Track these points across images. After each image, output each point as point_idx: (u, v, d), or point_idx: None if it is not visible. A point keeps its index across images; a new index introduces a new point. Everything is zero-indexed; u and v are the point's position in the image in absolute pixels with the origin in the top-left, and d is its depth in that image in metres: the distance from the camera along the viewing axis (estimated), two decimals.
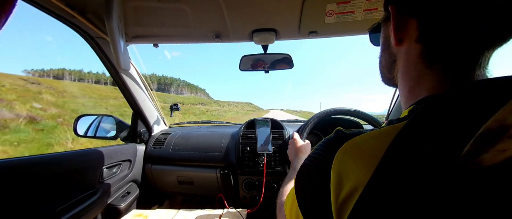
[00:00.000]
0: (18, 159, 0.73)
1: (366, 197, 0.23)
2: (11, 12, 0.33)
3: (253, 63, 1.18)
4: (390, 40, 0.35)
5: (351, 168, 0.26)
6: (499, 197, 0.18)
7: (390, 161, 0.23)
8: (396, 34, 0.32)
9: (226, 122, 1.79)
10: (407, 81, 0.33)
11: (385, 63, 0.38)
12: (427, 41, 0.29)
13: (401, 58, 0.34)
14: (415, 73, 0.31)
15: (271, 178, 1.20)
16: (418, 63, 0.31)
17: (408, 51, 0.32)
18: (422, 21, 0.29)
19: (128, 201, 1.18)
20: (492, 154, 0.17)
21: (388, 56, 0.37)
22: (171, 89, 59.08)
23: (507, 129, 0.16)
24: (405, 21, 0.31)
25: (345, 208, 0.25)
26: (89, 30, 0.94)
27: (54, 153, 0.85)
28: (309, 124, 1.15)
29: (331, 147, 0.30)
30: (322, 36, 1.03)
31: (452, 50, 0.28)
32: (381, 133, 0.27)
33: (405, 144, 0.23)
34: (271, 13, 0.85)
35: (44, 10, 0.79)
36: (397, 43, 0.32)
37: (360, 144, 0.28)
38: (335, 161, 0.28)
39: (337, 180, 0.27)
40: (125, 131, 1.31)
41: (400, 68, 0.34)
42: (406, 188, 0.21)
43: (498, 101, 0.19)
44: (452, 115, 0.23)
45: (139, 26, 0.97)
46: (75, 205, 0.88)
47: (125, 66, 0.92)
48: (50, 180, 0.78)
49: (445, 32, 0.27)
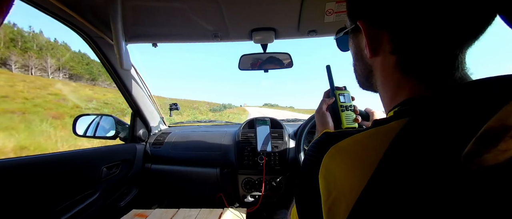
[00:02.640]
0: (18, 159, 0.72)
1: (363, 205, 0.23)
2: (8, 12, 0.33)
3: (253, 62, 1.17)
4: (363, 52, 0.34)
5: (338, 173, 0.26)
6: (501, 197, 0.18)
7: (389, 167, 0.23)
8: (370, 47, 0.32)
9: (225, 122, 1.79)
10: (388, 89, 0.33)
11: (361, 73, 0.38)
12: (401, 53, 0.30)
13: (377, 68, 0.34)
14: (394, 82, 0.32)
15: (270, 177, 1.20)
16: (396, 73, 0.31)
17: (383, 62, 0.32)
18: (393, 33, 0.29)
19: (127, 201, 1.18)
20: (494, 154, 0.17)
21: (364, 67, 0.37)
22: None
23: (508, 128, 0.16)
24: (377, 34, 0.31)
25: (333, 214, 0.25)
26: (89, 30, 0.94)
27: (54, 152, 0.84)
28: (309, 123, 1.15)
29: (319, 149, 0.31)
30: (322, 35, 1.03)
31: (426, 58, 0.28)
32: (366, 136, 0.27)
33: (404, 148, 0.23)
34: (270, 12, 0.85)
35: (43, 11, 0.78)
36: (371, 55, 0.32)
37: (345, 148, 0.28)
38: (322, 165, 0.29)
39: (325, 186, 0.27)
40: (125, 130, 1.31)
41: (379, 78, 0.34)
42: (410, 193, 0.21)
43: (497, 101, 0.19)
44: (449, 117, 0.23)
45: (137, 26, 0.97)
46: (75, 204, 0.88)
47: (127, 66, 0.92)
48: (50, 179, 0.78)
49: (416, 42, 0.28)
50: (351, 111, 0.63)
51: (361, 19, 0.31)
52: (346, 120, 0.62)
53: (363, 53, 0.35)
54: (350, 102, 0.64)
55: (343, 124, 0.62)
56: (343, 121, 0.62)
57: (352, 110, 0.63)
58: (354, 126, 0.63)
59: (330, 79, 0.64)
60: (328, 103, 0.65)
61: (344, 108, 0.62)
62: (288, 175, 1.22)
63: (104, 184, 1.02)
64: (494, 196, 0.18)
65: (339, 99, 0.63)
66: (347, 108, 0.63)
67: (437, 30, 0.26)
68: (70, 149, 0.98)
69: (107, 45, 1.04)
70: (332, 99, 0.64)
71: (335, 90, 0.64)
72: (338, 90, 0.64)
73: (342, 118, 0.62)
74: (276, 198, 1.24)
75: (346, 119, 0.62)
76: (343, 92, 0.64)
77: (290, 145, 1.22)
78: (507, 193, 0.18)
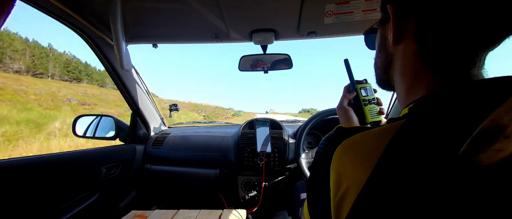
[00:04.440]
0: (18, 159, 0.72)
1: (365, 197, 0.23)
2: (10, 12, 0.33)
3: (253, 63, 1.18)
4: (387, 41, 0.35)
5: (349, 167, 0.27)
6: (496, 196, 0.18)
7: (388, 161, 0.23)
8: (395, 33, 0.32)
9: (225, 122, 1.80)
10: (405, 80, 0.33)
11: (381, 65, 0.39)
12: (423, 40, 0.30)
13: (398, 57, 0.34)
14: (412, 72, 0.32)
15: (270, 178, 1.20)
16: (415, 62, 0.31)
17: (405, 49, 0.32)
18: (420, 20, 0.29)
19: (127, 201, 1.18)
20: (489, 154, 0.17)
21: (385, 57, 0.37)
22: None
23: (503, 128, 0.17)
24: (403, 20, 0.31)
25: (341, 207, 0.26)
26: (89, 31, 0.94)
27: (54, 153, 0.84)
28: (309, 124, 1.15)
29: (331, 144, 0.31)
30: (321, 37, 1.03)
31: (446, 49, 0.28)
32: (380, 131, 0.27)
33: (403, 144, 0.24)
34: (270, 13, 0.85)
35: (44, 11, 0.79)
36: (394, 42, 0.33)
37: (357, 142, 0.28)
38: (334, 159, 0.29)
39: (336, 179, 0.28)
40: (124, 131, 1.31)
41: (398, 68, 0.35)
42: (404, 188, 0.21)
43: (495, 101, 0.19)
44: (450, 115, 0.23)
45: (138, 27, 0.97)
46: (74, 205, 0.88)
47: (127, 67, 0.92)
48: (50, 180, 0.78)
49: (440, 31, 0.28)
50: (374, 104, 0.60)
51: (391, 3, 0.32)
52: (371, 114, 0.59)
53: (386, 42, 0.35)
54: (372, 95, 0.60)
55: (367, 118, 0.59)
56: (367, 115, 0.59)
57: (375, 103, 0.60)
58: (379, 119, 0.60)
59: (349, 73, 0.62)
60: (349, 99, 0.62)
61: (367, 102, 0.59)
62: (287, 175, 1.23)
63: (103, 185, 1.02)
64: (489, 195, 0.18)
65: (361, 94, 0.60)
66: (370, 102, 0.59)
67: (465, 23, 0.26)
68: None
69: (107, 45, 1.04)
70: (353, 94, 0.61)
71: (356, 84, 0.61)
72: (359, 84, 0.61)
73: (366, 112, 0.59)
74: (275, 199, 1.24)
75: (370, 112, 0.59)
76: (365, 85, 0.61)
77: (290, 146, 1.22)
78: (501, 192, 0.18)
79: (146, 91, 1.33)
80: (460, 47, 0.27)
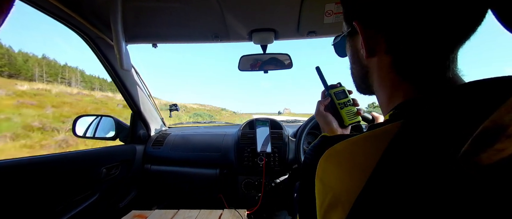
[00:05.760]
0: (19, 159, 0.72)
1: (362, 208, 0.23)
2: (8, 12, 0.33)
3: (252, 63, 1.17)
4: (359, 53, 0.35)
5: (333, 176, 0.26)
6: (497, 197, 0.18)
7: (387, 170, 0.23)
8: (367, 48, 0.32)
9: (225, 122, 1.80)
10: (385, 90, 0.33)
11: (357, 75, 0.38)
12: (395, 53, 0.30)
13: (374, 69, 0.34)
14: (391, 82, 0.32)
15: (270, 178, 1.20)
16: (392, 73, 0.31)
17: (380, 62, 0.32)
18: (387, 33, 0.30)
19: (127, 202, 1.18)
20: (490, 154, 0.17)
21: (360, 68, 0.37)
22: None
23: (504, 128, 0.16)
24: (373, 34, 0.31)
25: (329, 217, 0.25)
26: (89, 31, 0.94)
27: (54, 153, 0.84)
28: (309, 124, 1.15)
29: (315, 153, 0.31)
30: (321, 36, 1.03)
31: (419, 58, 0.28)
32: (365, 138, 0.27)
33: (401, 151, 0.23)
34: (270, 13, 0.85)
35: (43, 11, 0.79)
36: (368, 56, 0.32)
37: (340, 151, 0.28)
38: (318, 168, 0.29)
39: (321, 188, 0.27)
40: (125, 131, 1.31)
41: (375, 79, 0.35)
42: (407, 196, 0.21)
43: (492, 102, 0.19)
44: (446, 118, 0.23)
45: (138, 27, 0.97)
46: (75, 205, 0.88)
47: (127, 67, 0.92)
48: (50, 180, 0.78)
49: (409, 43, 0.28)
50: (350, 106, 0.61)
51: (357, 20, 0.32)
52: (348, 116, 0.60)
53: (359, 54, 0.35)
54: (347, 97, 0.61)
55: (346, 121, 0.60)
56: (345, 118, 0.60)
57: (351, 104, 0.61)
58: (357, 120, 0.60)
59: (322, 79, 0.63)
60: (324, 104, 0.63)
61: (343, 105, 0.60)
62: (288, 175, 1.22)
63: (103, 185, 1.02)
64: (491, 196, 0.18)
65: (335, 98, 0.61)
66: (345, 104, 0.60)
67: (428, 31, 0.27)
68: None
69: (107, 45, 1.04)
70: (328, 99, 0.62)
71: (330, 89, 0.62)
72: (333, 89, 0.62)
73: (343, 116, 0.60)
74: (275, 199, 1.24)
75: (348, 115, 0.60)
76: (338, 89, 0.62)
77: (290, 146, 1.22)
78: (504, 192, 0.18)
79: (146, 92, 1.33)
80: (430, 54, 0.28)
